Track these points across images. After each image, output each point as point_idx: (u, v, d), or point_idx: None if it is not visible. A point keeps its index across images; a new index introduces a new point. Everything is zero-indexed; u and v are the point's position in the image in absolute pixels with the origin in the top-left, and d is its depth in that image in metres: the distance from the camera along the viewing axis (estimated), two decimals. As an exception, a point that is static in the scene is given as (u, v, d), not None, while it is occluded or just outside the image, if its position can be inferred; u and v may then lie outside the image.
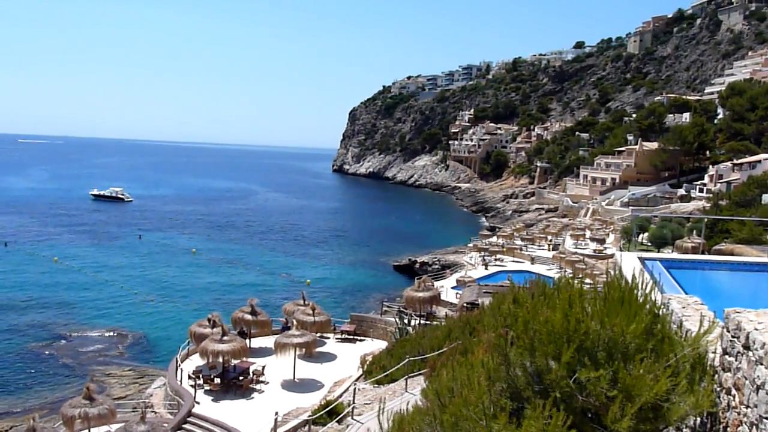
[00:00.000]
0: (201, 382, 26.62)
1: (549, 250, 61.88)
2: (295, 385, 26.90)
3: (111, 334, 44.39)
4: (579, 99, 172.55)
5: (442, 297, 38.38)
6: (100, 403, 21.59)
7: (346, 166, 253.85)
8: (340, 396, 21.34)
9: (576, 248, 58.68)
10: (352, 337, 34.44)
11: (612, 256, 53.66)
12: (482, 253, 57.63)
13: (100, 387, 32.88)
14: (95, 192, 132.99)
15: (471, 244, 67.01)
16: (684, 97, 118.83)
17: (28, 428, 18.90)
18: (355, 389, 18.95)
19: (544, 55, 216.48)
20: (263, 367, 27.82)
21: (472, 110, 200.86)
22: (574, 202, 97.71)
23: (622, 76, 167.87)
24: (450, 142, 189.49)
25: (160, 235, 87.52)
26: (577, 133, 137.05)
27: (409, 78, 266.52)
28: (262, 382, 27.27)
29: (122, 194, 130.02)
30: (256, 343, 32.20)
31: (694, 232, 44.52)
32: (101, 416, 21.27)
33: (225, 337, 26.71)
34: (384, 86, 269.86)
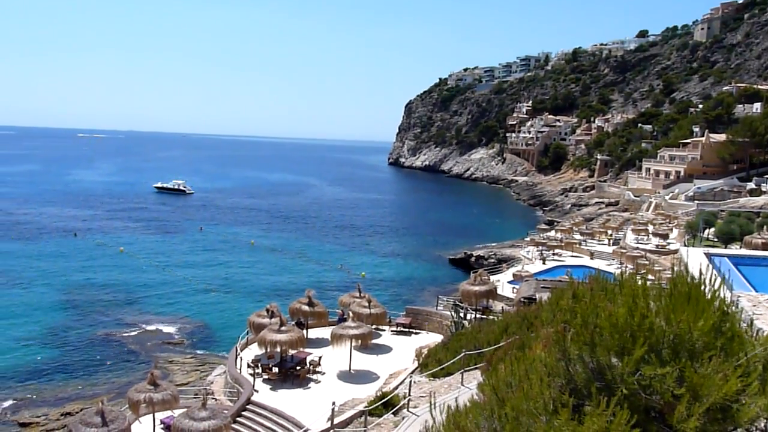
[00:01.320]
0: (260, 370, 27.18)
1: (609, 245, 60.37)
2: (350, 376, 27.16)
3: (173, 322, 45.81)
4: (642, 90, 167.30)
5: (499, 291, 37.94)
6: (163, 389, 22.32)
7: (402, 159, 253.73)
8: (396, 388, 21.41)
9: (637, 243, 57.07)
10: (407, 329, 34.49)
11: (676, 251, 52.00)
12: (540, 248, 56.72)
13: (163, 373, 34.02)
14: (158, 185, 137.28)
15: (528, 238, 66.02)
16: (755, 86, 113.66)
17: (96, 411, 19.66)
18: (410, 382, 18.99)
19: (606, 44, 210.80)
20: (320, 358, 28.19)
21: (530, 102, 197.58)
22: (635, 196, 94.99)
23: (688, 66, 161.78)
24: (507, 134, 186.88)
25: (220, 227, 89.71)
26: (639, 125, 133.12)
27: (465, 70, 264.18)
28: (319, 372, 27.63)
29: (184, 187, 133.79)
30: (313, 333, 32.62)
31: (765, 227, 42.68)
32: (165, 401, 21.99)
33: (283, 328, 27.17)
34: (440, 78, 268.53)
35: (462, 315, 31.72)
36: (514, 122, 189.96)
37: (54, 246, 71.46)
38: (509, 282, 44.19)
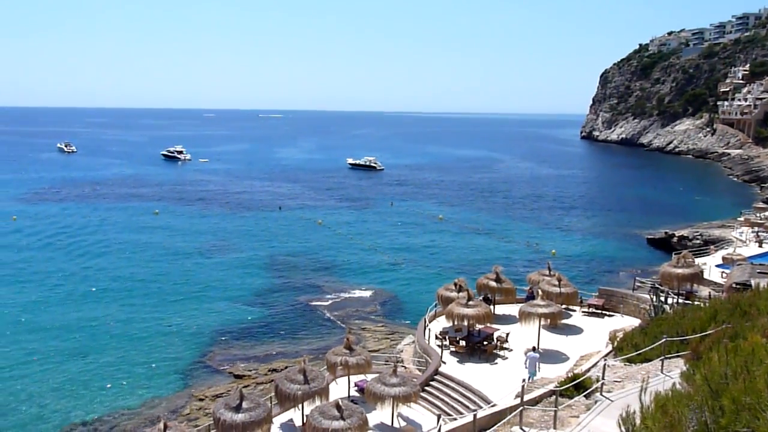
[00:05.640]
0: (447, 343, 27.69)
1: None
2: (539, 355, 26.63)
3: (366, 292, 48.19)
4: None
5: (705, 275, 34.92)
6: (358, 354, 23.64)
7: (596, 133, 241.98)
8: (588, 370, 20.59)
9: None
10: (599, 311, 32.98)
11: None
12: (756, 229, 51.16)
13: (357, 339, 36.03)
14: (351, 161, 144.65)
15: (742, 218, 59.93)
16: None
17: (299, 369, 21.39)
18: (604, 365, 18.15)
19: None
20: (507, 334, 28.01)
21: (748, 65, 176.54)
22: None
23: None
24: (718, 103, 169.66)
25: (409, 202, 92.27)
26: None
27: (670, 34, 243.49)
28: (506, 348, 27.47)
29: (375, 163, 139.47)
30: (500, 310, 32.47)
31: None
32: (359, 365, 23.29)
33: (470, 302, 27.38)
34: (640, 44, 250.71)
35: (662, 299, 29.56)
36: (727, 89, 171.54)
37: (262, 218, 78.52)
38: (718, 266, 40.64)
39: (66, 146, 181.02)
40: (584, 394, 16.72)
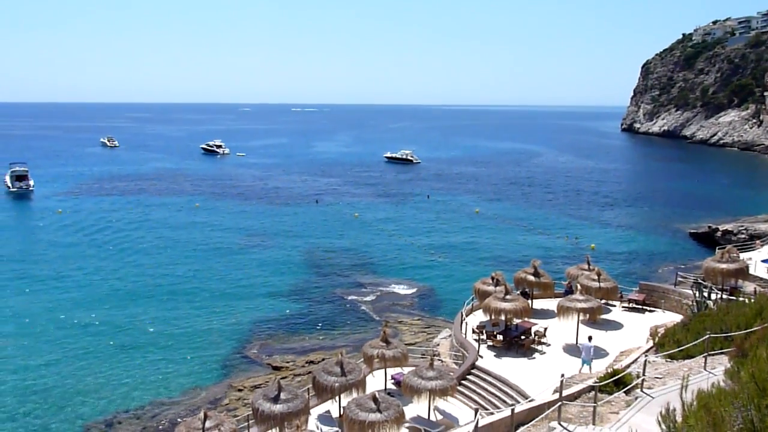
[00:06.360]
0: (484, 337, 27.56)
1: None
2: (577, 350, 26.26)
3: (402, 285, 48.21)
4: None
5: (750, 271, 33.97)
6: (394, 347, 23.73)
7: (637, 125, 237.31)
8: (628, 366, 20.30)
9: None
10: (640, 306, 32.43)
11: None
12: (805, 223, 49.37)
13: (393, 332, 36.09)
14: (388, 154, 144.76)
15: (789, 212, 57.94)
16: None
17: (336, 362, 21.59)
18: (645, 361, 17.86)
19: None
20: (545, 329, 27.75)
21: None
22: None
23: None
24: (765, 93, 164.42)
25: (446, 196, 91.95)
26: None
27: (715, 23, 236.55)
28: (544, 343, 27.24)
29: (411, 156, 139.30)
30: (538, 304, 32.17)
31: None
32: (396, 358, 23.39)
33: (508, 296, 27.18)
34: (684, 34, 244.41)
35: (706, 294, 28.89)
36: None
37: (300, 212, 79.19)
38: (763, 261, 39.52)
39: (109, 141, 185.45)
40: (624, 390, 16.50)
